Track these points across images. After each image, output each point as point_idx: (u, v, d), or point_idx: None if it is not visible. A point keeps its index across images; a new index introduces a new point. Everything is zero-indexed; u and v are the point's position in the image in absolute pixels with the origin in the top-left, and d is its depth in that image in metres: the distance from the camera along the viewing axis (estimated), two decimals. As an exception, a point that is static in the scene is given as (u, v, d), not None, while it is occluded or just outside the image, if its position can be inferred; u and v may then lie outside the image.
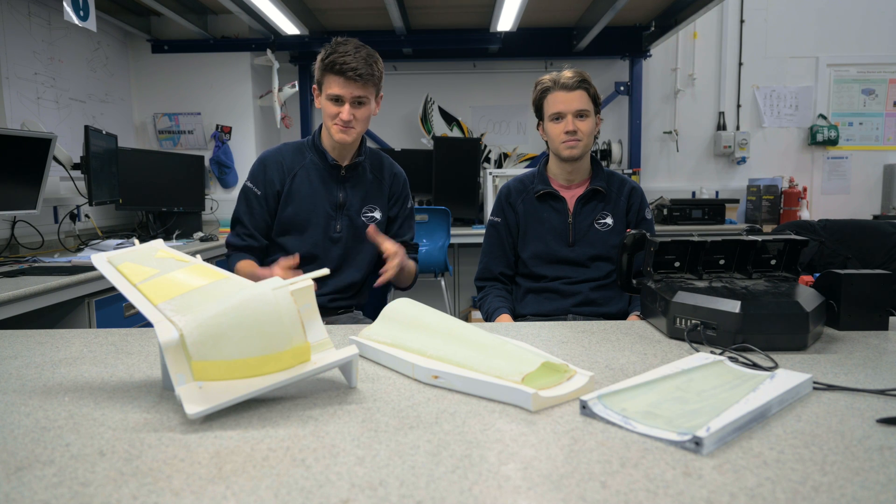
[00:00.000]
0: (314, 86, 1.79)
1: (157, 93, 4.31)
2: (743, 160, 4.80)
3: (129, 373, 1.00)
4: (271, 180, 1.82)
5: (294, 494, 0.59)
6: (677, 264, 1.36)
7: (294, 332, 0.84)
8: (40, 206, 2.67)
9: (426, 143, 4.62)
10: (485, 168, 4.56)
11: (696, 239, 1.32)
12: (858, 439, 0.70)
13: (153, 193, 3.63)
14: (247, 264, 1.76)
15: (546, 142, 1.86)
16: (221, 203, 4.28)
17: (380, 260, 1.96)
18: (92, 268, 2.05)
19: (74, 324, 2.24)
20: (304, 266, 1.80)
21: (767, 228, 4.33)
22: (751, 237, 1.33)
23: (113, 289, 1.83)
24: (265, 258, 1.85)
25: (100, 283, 2.25)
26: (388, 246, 1.69)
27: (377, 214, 1.88)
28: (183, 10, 3.95)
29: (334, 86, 1.69)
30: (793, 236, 1.34)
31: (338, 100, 1.71)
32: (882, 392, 0.86)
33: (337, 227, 1.83)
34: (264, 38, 4.24)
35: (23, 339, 1.22)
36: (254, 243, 1.83)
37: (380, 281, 1.66)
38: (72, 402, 0.85)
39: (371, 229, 1.72)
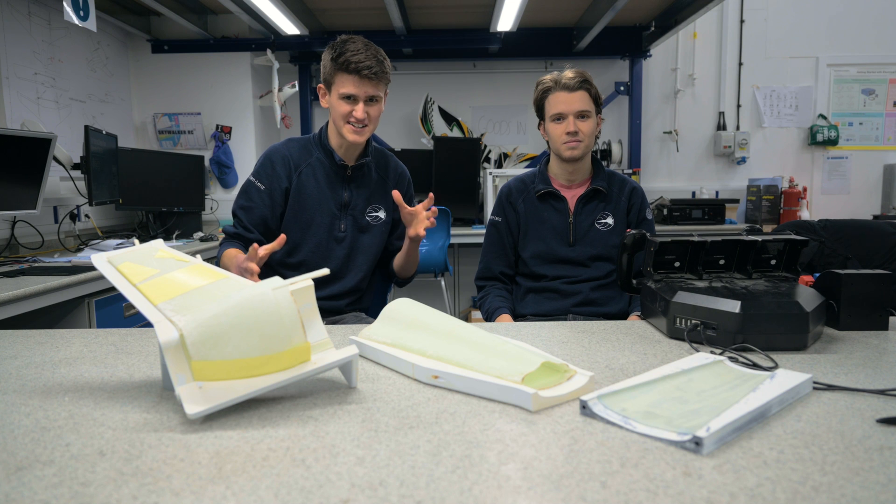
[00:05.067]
0: (320, 85, 1.77)
1: (157, 93, 4.31)
2: (743, 160, 4.80)
3: (129, 373, 1.00)
4: (278, 175, 1.79)
5: (294, 494, 0.59)
6: (677, 264, 1.36)
7: (294, 332, 0.84)
8: (40, 206, 2.67)
9: (426, 143, 4.62)
10: (485, 168, 4.56)
11: (696, 239, 1.32)
12: (858, 439, 0.70)
13: (153, 193, 3.63)
14: (231, 252, 1.72)
15: (547, 142, 1.86)
16: (221, 203, 4.28)
17: (382, 262, 1.96)
18: (92, 268, 2.05)
19: (74, 324, 2.24)
20: (309, 265, 1.80)
21: (767, 228, 4.33)
22: (751, 237, 1.33)
23: (113, 289, 1.84)
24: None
25: (100, 283, 2.25)
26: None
27: (382, 214, 1.87)
28: (183, 10, 3.94)
29: (348, 84, 1.67)
30: (793, 236, 1.34)
31: (351, 98, 1.69)
32: (882, 392, 0.86)
33: (341, 227, 1.82)
34: (264, 38, 4.24)
35: (23, 339, 1.22)
36: (246, 234, 1.78)
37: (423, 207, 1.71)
38: (72, 402, 0.85)
39: (396, 194, 1.70)
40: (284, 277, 0.91)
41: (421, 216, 1.70)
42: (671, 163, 4.90)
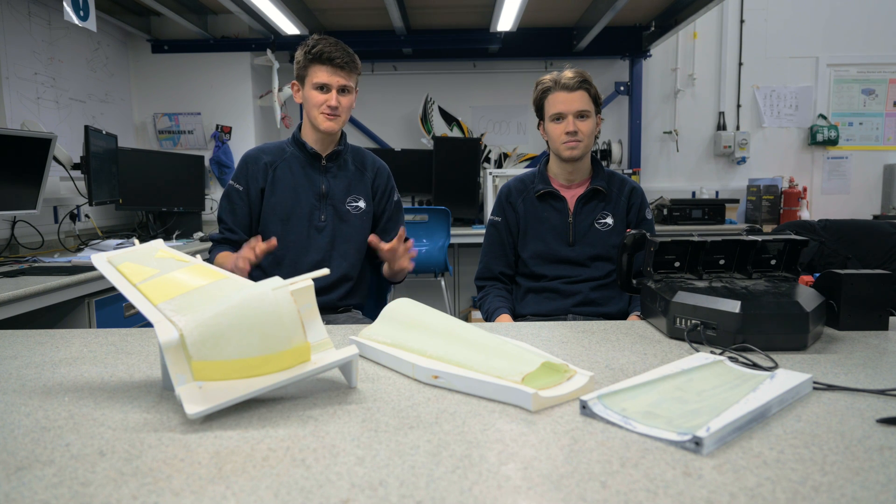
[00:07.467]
0: (293, 82, 1.86)
1: (157, 93, 4.31)
2: (743, 160, 4.80)
3: (129, 373, 1.00)
4: (254, 176, 1.87)
5: (294, 494, 0.59)
6: (677, 264, 1.36)
7: (294, 332, 0.84)
8: (40, 206, 2.67)
9: (426, 143, 4.62)
10: (485, 168, 4.56)
11: (696, 239, 1.32)
12: (858, 439, 0.70)
13: (153, 193, 3.63)
14: (224, 255, 1.80)
15: (546, 142, 1.87)
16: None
17: (370, 253, 1.96)
18: (92, 268, 2.05)
19: (74, 324, 2.24)
20: (292, 257, 1.82)
21: (767, 228, 4.33)
22: (751, 237, 1.33)
23: (113, 289, 1.84)
24: None
25: (100, 283, 2.25)
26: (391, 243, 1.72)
27: (362, 204, 1.91)
28: (183, 10, 3.94)
29: (321, 74, 1.77)
30: (793, 236, 1.34)
31: (323, 88, 1.78)
32: (882, 392, 0.86)
33: (321, 217, 1.86)
34: (264, 38, 4.24)
35: (23, 339, 1.22)
36: (232, 237, 1.87)
37: (385, 248, 1.71)
38: (72, 402, 0.85)
39: (373, 238, 1.74)
40: (266, 271, 0.91)
41: (399, 251, 1.72)
42: (671, 163, 4.90)
